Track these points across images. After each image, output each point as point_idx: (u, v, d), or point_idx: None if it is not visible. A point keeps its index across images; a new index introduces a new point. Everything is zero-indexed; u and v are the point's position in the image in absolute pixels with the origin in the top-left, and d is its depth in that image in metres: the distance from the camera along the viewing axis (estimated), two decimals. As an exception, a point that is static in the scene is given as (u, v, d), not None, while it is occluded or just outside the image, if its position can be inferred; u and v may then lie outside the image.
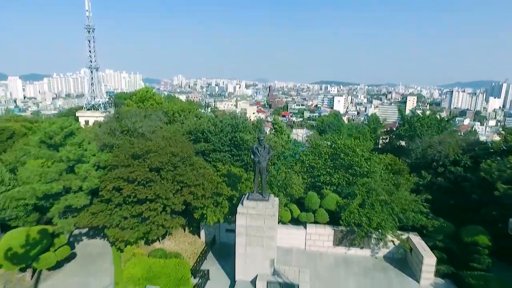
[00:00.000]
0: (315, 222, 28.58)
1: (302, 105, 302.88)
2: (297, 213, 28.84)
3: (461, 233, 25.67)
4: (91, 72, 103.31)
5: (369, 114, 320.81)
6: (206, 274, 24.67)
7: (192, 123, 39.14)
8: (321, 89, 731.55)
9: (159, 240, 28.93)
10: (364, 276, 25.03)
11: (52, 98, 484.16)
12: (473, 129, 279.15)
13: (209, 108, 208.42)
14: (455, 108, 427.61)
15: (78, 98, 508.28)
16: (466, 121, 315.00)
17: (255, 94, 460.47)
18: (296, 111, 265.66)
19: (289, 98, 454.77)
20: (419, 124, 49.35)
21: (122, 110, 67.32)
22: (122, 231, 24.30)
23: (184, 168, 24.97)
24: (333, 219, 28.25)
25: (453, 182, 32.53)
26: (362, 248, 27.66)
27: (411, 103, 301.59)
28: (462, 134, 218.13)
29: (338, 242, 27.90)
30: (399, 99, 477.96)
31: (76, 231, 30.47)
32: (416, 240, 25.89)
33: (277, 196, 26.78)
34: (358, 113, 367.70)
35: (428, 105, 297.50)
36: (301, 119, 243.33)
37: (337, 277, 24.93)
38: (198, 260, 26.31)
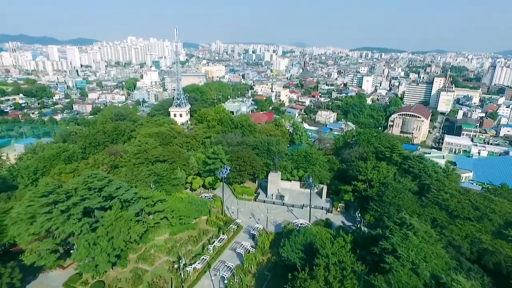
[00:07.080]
0: (294, 180, 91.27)
1: (331, 85, 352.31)
2: (289, 176, 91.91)
3: (339, 185, 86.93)
4: (177, 81, 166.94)
5: (398, 93, 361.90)
6: (258, 192, 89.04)
7: (252, 140, 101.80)
8: (361, 56, 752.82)
9: (243, 183, 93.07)
10: (306, 197, 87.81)
11: (105, 66, 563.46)
12: (496, 110, 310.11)
13: (250, 92, 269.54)
14: (494, 85, 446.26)
15: (127, 67, 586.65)
16: (501, 100, 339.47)
17: (291, 66, 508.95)
18: (325, 91, 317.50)
19: (324, 69, 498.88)
20: (363, 135, 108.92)
21: (205, 114, 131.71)
22: (234, 179, 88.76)
23: (253, 161, 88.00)
24: (300, 179, 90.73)
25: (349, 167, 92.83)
26: (308, 188, 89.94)
27: (437, 84, 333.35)
28: (486, 115, 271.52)
29: (301, 186, 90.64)
30: (439, 72, 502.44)
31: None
32: (325, 187, 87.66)
33: (280, 171, 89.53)
34: (390, 89, 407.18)
35: (454, 86, 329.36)
36: (328, 99, 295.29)
37: (298, 196, 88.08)
38: (256, 189, 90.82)
